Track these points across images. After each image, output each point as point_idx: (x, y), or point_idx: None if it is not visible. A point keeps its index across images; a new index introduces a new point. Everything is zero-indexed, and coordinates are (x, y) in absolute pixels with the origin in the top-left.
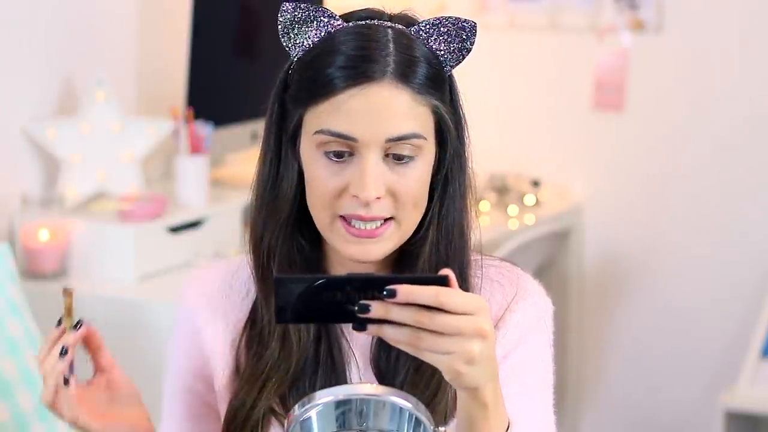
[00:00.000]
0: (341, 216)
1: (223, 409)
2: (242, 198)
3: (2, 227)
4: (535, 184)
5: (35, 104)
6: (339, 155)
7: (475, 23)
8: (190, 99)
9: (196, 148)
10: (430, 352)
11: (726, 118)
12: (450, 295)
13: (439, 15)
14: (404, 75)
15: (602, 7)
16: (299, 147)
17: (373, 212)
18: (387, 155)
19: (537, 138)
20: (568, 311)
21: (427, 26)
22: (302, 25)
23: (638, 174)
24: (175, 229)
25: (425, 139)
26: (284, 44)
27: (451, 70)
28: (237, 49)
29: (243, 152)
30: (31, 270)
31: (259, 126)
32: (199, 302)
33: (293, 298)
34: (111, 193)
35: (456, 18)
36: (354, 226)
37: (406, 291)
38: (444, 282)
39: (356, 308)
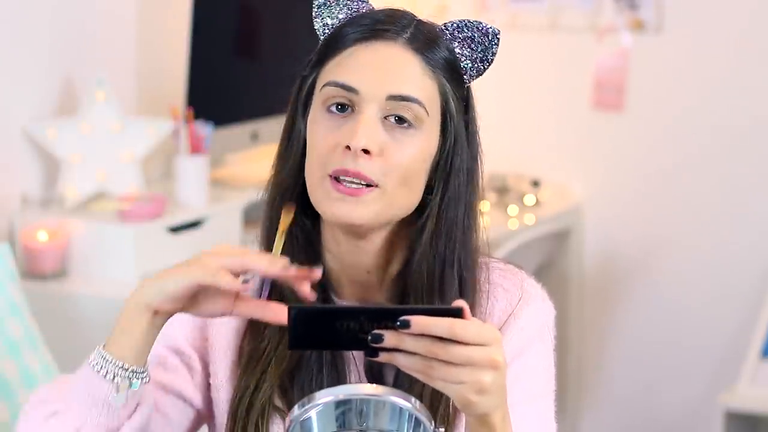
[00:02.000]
0: (330, 176)
1: (222, 399)
2: (242, 198)
3: (2, 227)
4: (535, 184)
5: (35, 104)
6: (341, 109)
7: (499, 31)
8: (190, 99)
9: (196, 148)
10: (442, 381)
11: (726, 118)
12: (465, 327)
13: (457, 19)
14: (419, 45)
15: (602, 7)
16: (308, 114)
17: (359, 167)
18: (386, 118)
19: (537, 138)
20: (568, 311)
21: (452, 26)
22: (335, 6)
23: (638, 174)
24: (175, 229)
25: (427, 113)
26: (315, 27)
27: (470, 82)
28: (237, 49)
29: (243, 152)
30: (31, 270)
31: (259, 126)
32: None
33: (307, 326)
34: (111, 193)
35: (480, 23)
36: (340, 183)
37: (420, 323)
38: (459, 314)
39: (369, 338)
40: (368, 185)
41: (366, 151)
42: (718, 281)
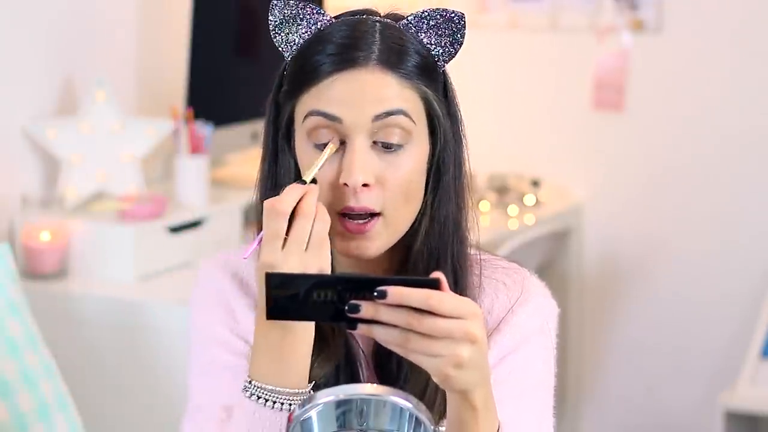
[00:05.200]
0: (337, 213)
1: None
2: (242, 198)
3: (2, 227)
4: (535, 184)
5: (35, 104)
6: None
7: (463, 14)
8: (190, 99)
9: (196, 148)
10: (419, 353)
11: (726, 118)
12: (441, 299)
13: (420, 8)
14: (390, 61)
15: (602, 7)
16: (294, 143)
17: (361, 202)
18: (375, 143)
19: (537, 138)
20: (568, 311)
21: (416, 19)
22: (292, 22)
23: (638, 174)
24: (175, 229)
25: (414, 123)
26: (276, 44)
27: (444, 66)
28: (237, 49)
29: (243, 152)
30: (31, 270)
31: (259, 126)
32: (226, 279)
33: (285, 295)
34: (111, 193)
35: (443, 9)
36: (349, 221)
37: (396, 293)
38: (435, 285)
39: (347, 308)
40: (372, 214)
41: (365, 184)
42: (718, 281)
